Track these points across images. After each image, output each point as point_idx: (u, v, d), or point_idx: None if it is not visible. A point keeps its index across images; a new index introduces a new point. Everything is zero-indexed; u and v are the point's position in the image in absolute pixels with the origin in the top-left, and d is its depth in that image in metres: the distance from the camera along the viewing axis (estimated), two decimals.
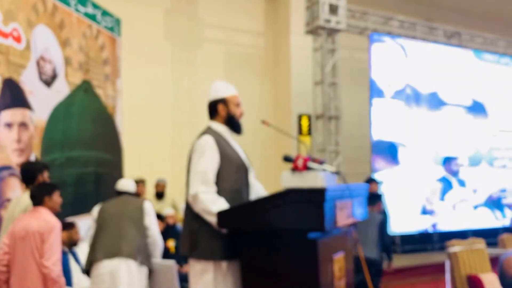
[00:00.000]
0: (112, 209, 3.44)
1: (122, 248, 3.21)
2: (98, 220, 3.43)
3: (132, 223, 3.36)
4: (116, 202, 3.52)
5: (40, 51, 4.14)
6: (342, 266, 2.37)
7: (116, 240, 3.26)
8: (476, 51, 7.75)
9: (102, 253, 3.23)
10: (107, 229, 3.34)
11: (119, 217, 3.37)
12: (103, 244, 3.28)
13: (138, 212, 3.42)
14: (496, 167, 7.75)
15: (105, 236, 3.31)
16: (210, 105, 2.61)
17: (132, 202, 3.51)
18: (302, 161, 2.33)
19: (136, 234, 3.33)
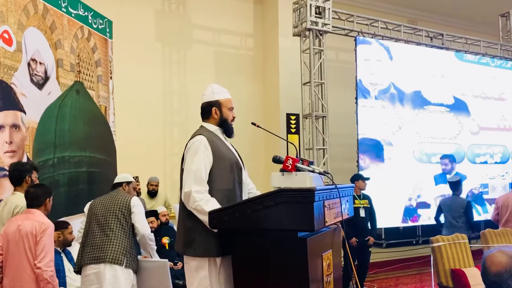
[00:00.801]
0: (100, 209, 3.44)
1: (107, 254, 3.24)
2: (88, 218, 3.48)
3: (118, 223, 3.35)
4: (105, 199, 3.50)
5: (31, 53, 4.17)
6: (330, 262, 2.49)
7: (101, 244, 3.29)
8: (457, 52, 7.96)
9: (89, 258, 3.29)
10: (94, 231, 3.37)
11: (106, 216, 3.38)
12: (90, 248, 3.32)
13: (124, 210, 3.39)
14: (478, 164, 7.98)
15: (92, 240, 3.34)
16: (204, 106, 2.68)
17: (119, 199, 3.46)
18: (291, 162, 2.45)
19: (122, 236, 3.33)
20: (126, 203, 3.42)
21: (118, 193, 3.56)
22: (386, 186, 6.87)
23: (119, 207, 3.41)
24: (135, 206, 3.43)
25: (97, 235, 3.35)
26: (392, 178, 6.99)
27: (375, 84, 7.03)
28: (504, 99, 8.39)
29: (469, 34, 8.55)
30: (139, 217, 3.42)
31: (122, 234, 3.34)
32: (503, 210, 5.61)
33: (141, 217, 3.44)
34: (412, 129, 7.33)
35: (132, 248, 3.37)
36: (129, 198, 3.49)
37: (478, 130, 8.04)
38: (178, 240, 2.57)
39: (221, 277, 2.45)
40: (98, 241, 3.32)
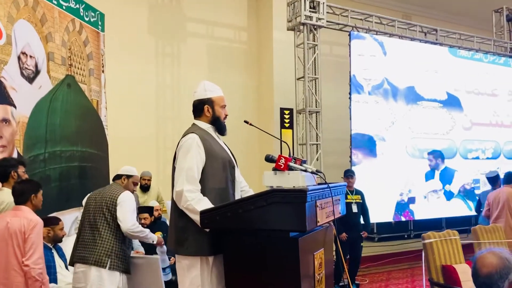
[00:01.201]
0: (92, 204, 3.41)
1: (92, 256, 3.24)
2: (83, 213, 3.48)
3: (105, 222, 3.31)
4: (98, 194, 3.45)
5: (21, 46, 4.11)
6: (322, 261, 2.50)
7: (88, 245, 3.30)
8: (450, 48, 7.97)
9: (77, 257, 3.33)
10: (85, 229, 3.38)
11: (95, 214, 3.35)
12: (79, 246, 3.35)
13: (111, 206, 3.32)
14: (470, 159, 8.04)
15: (82, 238, 3.36)
16: (196, 104, 2.66)
17: (108, 195, 3.39)
18: (283, 161, 2.44)
19: (108, 236, 3.29)
20: (114, 199, 3.34)
21: (110, 188, 3.50)
22: (379, 181, 6.89)
23: (106, 204, 3.34)
24: (121, 201, 3.33)
25: (86, 234, 3.36)
26: (385, 174, 7.02)
27: (369, 80, 7.03)
28: (496, 95, 8.43)
29: (463, 29, 8.56)
30: (122, 213, 3.30)
31: (108, 234, 3.29)
32: (494, 206, 5.66)
33: (124, 213, 3.31)
34: (405, 125, 7.35)
35: (119, 248, 3.31)
36: (118, 193, 3.38)
37: (471, 125, 8.08)
38: (170, 238, 2.57)
39: (213, 276, 2.45)
40: (86, 240, 3.34)
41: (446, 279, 4.02)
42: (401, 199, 7.21)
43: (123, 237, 3.36)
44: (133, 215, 3.42)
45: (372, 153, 6.97)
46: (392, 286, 5.98)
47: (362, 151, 6.90)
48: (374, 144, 7.00)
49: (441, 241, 4.27)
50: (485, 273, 1.68)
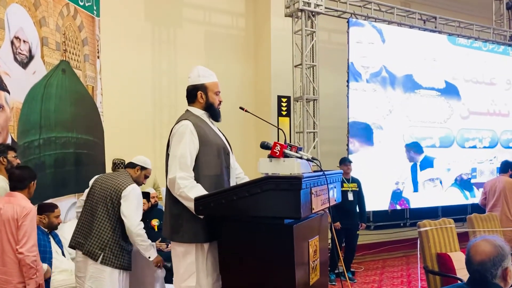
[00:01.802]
0: (97, 190, 3.21)
1: (86, 244, 3.10)
2: (87, 195, 3.29)
3: (106, 212, 3.11)
4: (105, 180, 3.24)
5: (15, 30, 4.04)
6: (317, 248, 2.49)
7: (86, 231, 3.15)
8: (449, 36, 7.91)
9: (74, 241, 3.20)
10: (86, 213, 3.22)
11: (98, 201, 3.16)
12: (77, 231, 3.21)
13: (114, 198, 3.10)
14: (467, 148, 8.04)
15: (81, 222, 3.22)
16: (189, 90, 2.62)
17: (115, 185, 3.16)
18: (279, 148, 2.42)
19: (106, 228, 3.09)
20: (118, 191, 3.10)
21: (118, 177, 3.24)
22: (375, 169, 6.89)
23: (110, 194, 3.12)
24: (126, 196, 3.08)
25: (85, 219, 3.20)
26: (382, 162, 7.02)
27: (367, 67, 6.98)
28: (494, 83, 8.40)
29: (463, 17, 8.49)
30: (128, 210, 3.05)
31: (106, 225, 3.09)
32: (491, 195, 5.67)
33: (130, 211, 3.06)
34: (403, 113, 7.33)
35: (116, 243, 3.09)
36: (126, 185, 3.14)
37: (468, 114, 8.07)
38: (165, 226, 2.56)
39: (208, 263, 2.45)
40: (84, 225, 3.20)
41: (441, 266, 4.03)
42: (396, 188, 7.22)
43: (123, 231, 3.11)
44: (138, 211, 3.15)
45: (369, 141, 6.96)
46: (387, 273, 6.02)
47: (359, 139, 6.88)
48: (371, 132, 6.98)
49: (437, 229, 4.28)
50: (478, 260, 1.69)
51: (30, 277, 2.88)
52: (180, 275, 2.44)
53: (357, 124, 6.85)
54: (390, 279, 5.73)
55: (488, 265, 1.66)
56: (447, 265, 3.98)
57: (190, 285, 2.41)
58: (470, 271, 1.72)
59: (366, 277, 5.82)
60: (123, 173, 3.32)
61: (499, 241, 1.72)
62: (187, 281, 2.41)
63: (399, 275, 5.95)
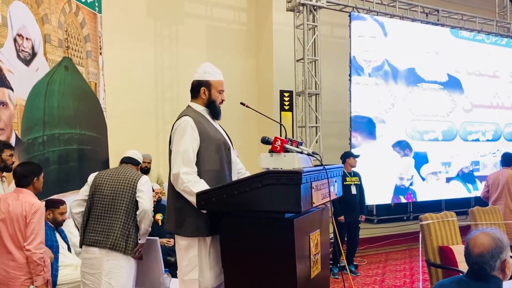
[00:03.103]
0: (107, 188, 3.23)
1: (109, 239, 3.12)
2: (91, 193, 3.26)
3: (125, 206, 3.17)
4: (113, 178, 3.28)
5: (17, 28, 4.06)
6: (318, 242, 2.52)
7: (105, 229, 3.16)
8: (452, 29, 7.88)
9: (90, 240, 3.16)
10: (99, 212, 3.21)
11: (113, 198, 3.19)
12: (92, 229, 3.18)
13: (132, 189, 3.20)
14: (470, 141, 8.03)
15: (96, 221, 3.20)
16: (194, 85, 2.65)
17: (128, 178, 3.24)
18: (279, 143, 2.43)
19: (128, 220, 3.17)
20: (134, 183, 3.22)
21: (126, 171, 3.31)
22: (378, 163, 6.90)
23: (126, 188, 3.21)
24: (142, 186, 3.22)
25: (102, 217, 3.19)
26: (384, 156, 7.02)
27: (369, 61, 6.97)
28: (498, 76, 8.37)
29: (465, 10, 8.44)
30: (146, 197, 3.21)
31: (127, 218, 3.17)
32: (493, 188, 5.66)
33: (147, 197, 3.22)
34: (405, 107, 7.32)
35: (135, 234, 3.20)
36: (138, 177, 3.27)
37: (471, 107, 8.05)
38: (169, 220, 2.59)
39: (211, 256, 2.48)
40: (102, 224, 3.18)
41: (443, 259, 4.05)
42: (401, 182, 7.23)
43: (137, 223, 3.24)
44: (151, 200, 3.32)
45: (371, 135, 6.96)
46: (390, 267, 6.04)
47: (362, 133, 6.89)
48: (373, 126, 6.98)
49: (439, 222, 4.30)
50: (477, 253, 1.70)
51: (38, 274, 2.92)
52: (183, 268, 2.49)
53: (359, 118, 6.85)
54: (393, 272, 5.76)
55: (487, 257, 1.68)
56: (449, 258, 4.00)
57: (192, 277, 2.45)
58: (469, 263, 1.74)
59: (369, 270, 5.85)
60: (128, 169, 3.37)
61: (498, 233, 1.74)
62: (189, 274, 2.45)
63: (402, 268, 5.97)
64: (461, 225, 4.50)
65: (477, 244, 1.72)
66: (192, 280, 2.45)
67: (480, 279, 1.71)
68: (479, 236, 1.74)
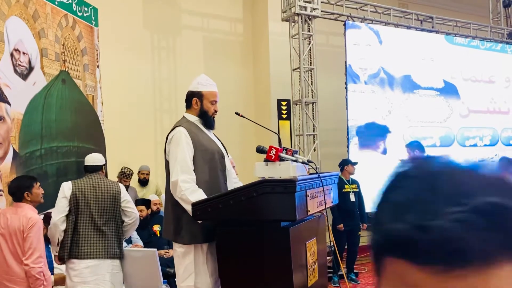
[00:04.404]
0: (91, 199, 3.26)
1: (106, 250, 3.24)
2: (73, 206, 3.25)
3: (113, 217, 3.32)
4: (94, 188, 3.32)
5: (14, 43, 4.10)
6: (314, 250, 2.52)
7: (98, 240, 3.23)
8: (447, 35, 7.94)
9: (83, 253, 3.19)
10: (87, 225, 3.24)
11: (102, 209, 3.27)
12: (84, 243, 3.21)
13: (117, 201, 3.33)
14: (467, 146, 8.04)
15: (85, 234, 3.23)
16: (187, 95, 2.72)
17: (111, 190, 3.35)
18: (274, 152, 2.45)
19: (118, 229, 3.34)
20: (118, 193, 3.37)
21: (105, 183, 3.39)
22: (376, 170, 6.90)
23: (111, 199, 3.33)
24: (124, 194, 3.46)
25: (93, 230, 3.25)
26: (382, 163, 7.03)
27: (365, 69, 7.01)
28: (493, 81, 8.41)
29: (460, 16, 8.51)
30: (132, 204, 3.52)
31: (117, 227, 3.35)
32: None
33: (133, 203, 3.57)
34: (402, 113, 7.35)
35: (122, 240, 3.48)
36: (118, 186, 3.44)
37: (468, 113, 8.08)
38: (167, 228, 2.62)
39: (208, 264, 2.50)
40: (95, 236, 3.24)
41: None
42: None
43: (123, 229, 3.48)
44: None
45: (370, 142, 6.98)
46: None
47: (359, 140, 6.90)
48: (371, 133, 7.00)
49: None
50: None
51: None
52: (180, 275, 2.53)
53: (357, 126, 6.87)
54: None
55: None
56: None
57: (189, 284, 2.49)
58: None
59: (369, 278, 5.82)
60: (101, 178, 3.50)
61: None
62: (186, 280, 2.49)
63: None
64: None
65: None
66: (188, 286, 2.49)
67: None
68: None
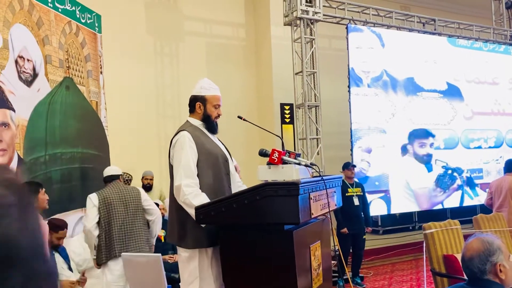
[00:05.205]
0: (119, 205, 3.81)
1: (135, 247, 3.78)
2: (104, 213, 3.77)
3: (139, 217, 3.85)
4: (119, 195, 3.86)
5: (18, 50, 4.13)
6: (319, 253, 2.51)
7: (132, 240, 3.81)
8: (449, 38, 7.93)
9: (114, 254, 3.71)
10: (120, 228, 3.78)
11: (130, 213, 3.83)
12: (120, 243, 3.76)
13: (139, 201, 3.86)
14: (472, 149, 8.00)
15: (121, 236, 3.78)
16: (190, 100, 2.72)
17: (133, 194, 3.89)
18: (277, 155, 2.45)
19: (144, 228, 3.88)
20: (139, 196, 3.90)
21: (126, 189, 3.94)
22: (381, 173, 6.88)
23: (135, 201, 3.86)
24: (144, 194, 3.96)
25: (125, 233, 3.80)
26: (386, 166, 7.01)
27: (368, 72, 7.01)
28: (497, 83, 8.38)
29: (462, 18, 8.50)
30: (152, 202, 4.00)
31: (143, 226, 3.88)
32: (497, 195, 5.63)
33: (151, 201, 4.01)
34: (406, 116, 7.33)
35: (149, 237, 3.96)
36: (138, 189, 3.99)
37: (472, 115, 8.04)
38: (171, 232, 2.62)
39: (213, 268, 2.50)
40: (128, 238, 3.80)
41: (448, 268, 4.02)
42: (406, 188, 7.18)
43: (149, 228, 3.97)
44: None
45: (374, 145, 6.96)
46: (396, 277, 5.98)
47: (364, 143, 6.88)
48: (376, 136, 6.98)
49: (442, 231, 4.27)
50: (468, 257, 1.72)
51: None
52: (185, 279, 2.52)
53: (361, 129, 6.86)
54: (399, 283, 5.70)
55: (476, 260, 1.69)
56: (454, 267, 3.96)
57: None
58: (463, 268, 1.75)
59: (375, 282, 5.79)
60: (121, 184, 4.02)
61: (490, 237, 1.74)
62: (191, 285, 2.49)
63: (408, 278, 5.91)
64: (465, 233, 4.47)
65: (469, 248, 1.74)
66: None
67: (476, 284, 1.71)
68: (471, 241, 1.76)
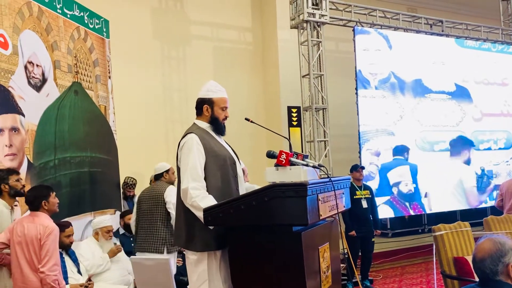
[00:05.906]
0: (144, 203, 4.18)
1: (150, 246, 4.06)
2: (136, 211, 4.30)
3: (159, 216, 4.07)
4: (148, 194, 4.24)
5: (28, 55, 4.17)
6: (327, 255, 2.50)
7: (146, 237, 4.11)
8: (457, 39, 7.88)
9: (137, 247, 4.15)
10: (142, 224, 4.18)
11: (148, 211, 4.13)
12: (139, 239, 4.19)
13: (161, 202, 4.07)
14: (481, 150, 7.92)
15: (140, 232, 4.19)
16: (197, 103, 2.72)
17: (157, 193, 4.14)
18: (285, 156, 2.45)
19: (162, 227, 4.06)
20: (161, 194, 4.08)
21: (156, 186, 4.22)
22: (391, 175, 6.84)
23: (157, 200, 4.08)
24: (168, 196, 4.05)
25: (143, 229, 4.15)
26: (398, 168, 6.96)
27: (375, 74, 6.99)
28: (506, 84, 8.30)
29: (470, 19, 8.45)
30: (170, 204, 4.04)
31: (161, 226, 4.04)
32: (507, 196, 5.57)
33: (171, 203, 4.03)
34: (414, 118, 7.29)
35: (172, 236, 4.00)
36: (164, 188, 4.13)
37: (481, 116, 7.97)
38: (179, 235, 2.60)
39: (222, 270, 2.48)
40: (143, 234, 4.14)
41: (459, 270, 3.96)
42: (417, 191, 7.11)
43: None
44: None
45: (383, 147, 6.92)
46: (406, 280, 5.93)
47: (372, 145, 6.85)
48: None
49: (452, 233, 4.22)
50: (479, 257, 1.69)
51: None
52: (193, 282, 2.50)
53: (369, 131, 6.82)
54: (409, 286, 5.65)
55: (487, 261, 1.67)
56: (464, 269, 3.92)
57: None
58: (474, 269, 1.73)
59: (384, 285, 5.74)
60: (158, 183, 4.30)
61: (502, 238, 1.72)
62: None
63: (418, 281, 5.86)
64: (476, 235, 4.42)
65: (480, 249, 1.72)
66: None
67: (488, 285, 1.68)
68: (483, 242, 1.74)
